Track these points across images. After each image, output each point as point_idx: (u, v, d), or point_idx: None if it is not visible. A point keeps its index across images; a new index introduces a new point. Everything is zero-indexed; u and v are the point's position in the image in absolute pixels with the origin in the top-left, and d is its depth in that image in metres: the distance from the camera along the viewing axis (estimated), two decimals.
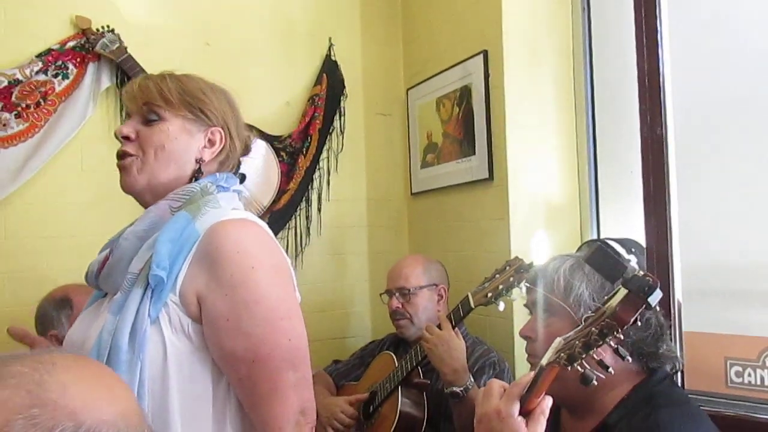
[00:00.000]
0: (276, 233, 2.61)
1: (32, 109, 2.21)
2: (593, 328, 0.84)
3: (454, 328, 1.87)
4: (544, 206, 2.31)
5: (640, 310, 0.82)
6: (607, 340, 0.83)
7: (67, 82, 2.27)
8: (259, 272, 1.12)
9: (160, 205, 1.18)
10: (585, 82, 2.36)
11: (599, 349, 0.84)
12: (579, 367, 0.85)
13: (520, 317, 2.02)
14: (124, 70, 2.32)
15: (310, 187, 2.69)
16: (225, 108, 1.27)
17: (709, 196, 1.95)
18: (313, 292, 2.71)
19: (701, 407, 1.43)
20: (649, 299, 0.80)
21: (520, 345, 2.21)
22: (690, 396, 1.70)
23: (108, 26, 2.33)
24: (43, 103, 2.20)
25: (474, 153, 2.43)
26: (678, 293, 1.81)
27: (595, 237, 2.30)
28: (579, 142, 2.37)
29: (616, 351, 0.84)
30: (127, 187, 1.22)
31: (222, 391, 1.12)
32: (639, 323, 0.84)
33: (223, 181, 1.23)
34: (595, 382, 0.85)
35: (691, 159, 1.91)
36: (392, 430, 1.95)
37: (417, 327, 2.11)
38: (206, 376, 1.11)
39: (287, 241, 2.66)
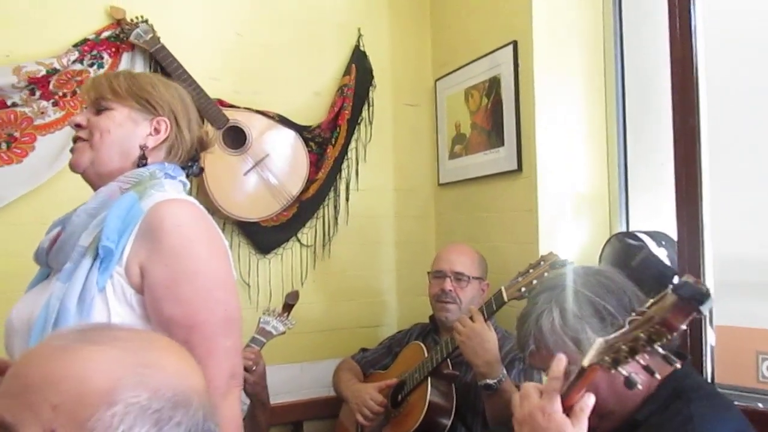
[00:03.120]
0: (304, 222, 2.64)
1: (68, 98, 2.25)
2: (641, 333, 0.83)
3: (486, 321, 1.87)
4: (573, 198, 2.30)
5: (690, 317, 0.81)
6: (656, 346, 0.82)
7: (102, 71, 2.30)
8: (197, 245, 1.21)
9: (111, 186, 1.28)
10: (616, 73, 2.34)
11: (644, 354, 0.84)
12: (623, 371, 0.85)
13: None
14: (157, 59, 2.35)
15: (338, 177, 2.71)
16: (174, 101, 1.39)
17: (742, 188, 1.92)
18: (341, 281, 2.73)
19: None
20: (701, 307, 0.79)
21: None
22: (721, 390, 1.71)
23: (142, 17, 2.35)
24: (79, 92, 2.24)
25: (503, 144, 2.42)
26: (710, 286, 1.79)
27: (624, 229, 2.29)
28: (609, 134, 2.35)
29: (664, 357, 0.83)
30: (74, 166, 1.34)
31: None
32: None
33: (171, 170, 1.35)
34: (640, 387, 0.85)
35: (724, 151, 1.89)
36: (421, 419, 1.97)
37: (459, 315, 2.11)
38: None
39: (315, 230, 2.69)
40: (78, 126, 1.34)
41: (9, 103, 2.18)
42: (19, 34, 2.23)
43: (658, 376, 0.86)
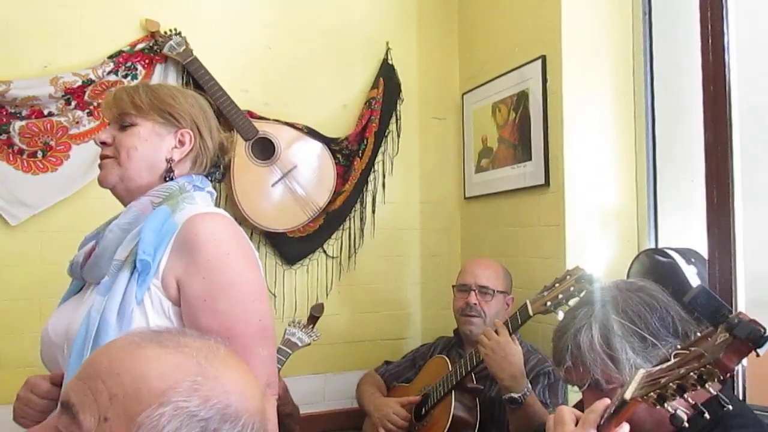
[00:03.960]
0: (330, 234, 2.66)
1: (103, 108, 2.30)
2: (692, 373, 0.80)
3: (511, 335, 1.86)
4: (601, 213, 2.29)
5: (744, 357, 0.77)
6: (707, 386, 0.79)
7: (135, 82, 2.35)
8: (232, 258, 1.23)
9: (142, 201, 1.29)
10: (645, 88, 2.32)
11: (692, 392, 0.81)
12: (669, 408, 0.82)
13: None
14: (190, 71, 2.39)
15: (364, 189, 2.72)
16: (195, 111, 1.39)
17: None
18: (366, 293, 2.74)
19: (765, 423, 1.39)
20: (759, 349, 0.76)
21: None
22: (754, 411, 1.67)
23: (175, 29, 2.40)
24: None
25: (530, 158, 2.42)
26: (741, 306, 1.77)
27: (652, 246, 2.27)
28: (638, 149, 2.34)
29: (716, 398, 0.81)
30: (103, 182, 1.35)
31: None
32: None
33: (199, 182, 1.37)
34: (686, 424, 0.82)
35: (756, 167, 1.87)
36: None
37: (483, 328, 2.10)
38: None
39: (341, 241, 2.70)
40: (104, 143, 1.34)
41: (46, 112, 2.24)
42: (57, 45, 2.29)
43: (707, 416, 0.83)
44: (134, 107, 1.33)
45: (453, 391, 2.01)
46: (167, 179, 1.33)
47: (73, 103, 2.26)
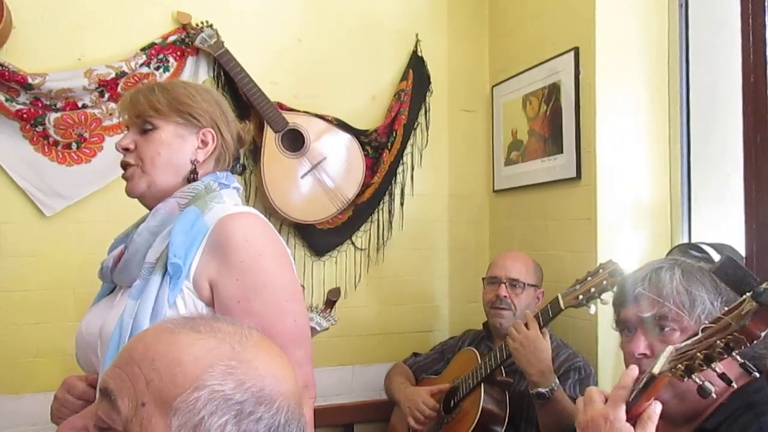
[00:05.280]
0: (359, 226, 2.66)
1: None
2: (718, 341, 0.80)
3: (541, 328, 1.85)
4: (634, 207, 2.26)
5: None
6: (734, 354, 0.79)
7: (167, 74, 2.37)
8: (266, 259, 1.23)
9: (169, 202, 1.28)
10: (680, 81, 2.28)
11: (720, 362, 0.81)
12: (697, 379, 0.83)
13: (606, 320, 1.99)
14: (221, 63, 2.40)
15: (393, 181, 2.72)
16: (213, 108, 1.37)
17: None
18: (394, 285, 2.74)
19: None
20: None
21: (603, 348, 2.18)
22: None
23: (207, 22, 2.41)
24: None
25: (561, 151, 2.39)
26: None
27: (686, 241, 2.23)
28: (672, 143, 2.30)
29: (743, 366, 0.80)
30: (130, 193, 1.34)
31: None
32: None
33: (224, 179, 1.35)
34: (714, 395, 0.82)
35: None
36: (474, 425, 1.95)
37: (513, 322, 2.09)
38: None
39: (370, 234, 2.70)
40: (126, 149, 1.32)
41: (80, 104, 2.26)
42: (91, 37, 2.32)
43: (735, 385, 0.83)
44: (153, 109, 1.31)
45: (482, 384, 2.01)
46: (191, 180, 1.32)
47: (107, 95, 2.29)
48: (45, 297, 2.25)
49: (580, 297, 1.76)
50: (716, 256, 2.00)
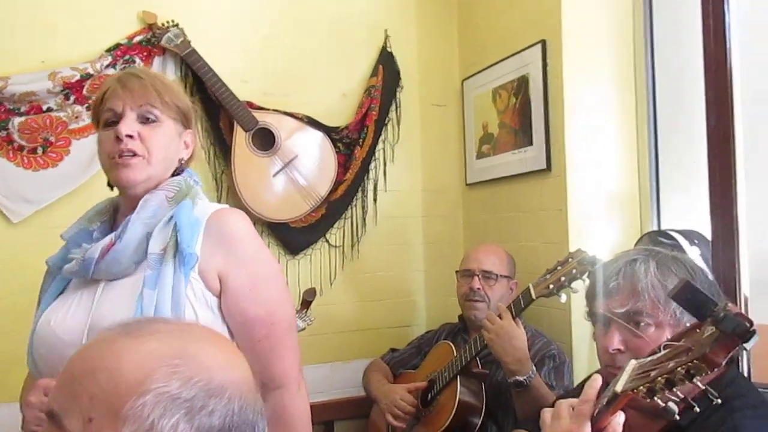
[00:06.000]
0: (333, 223, 2.66)
1: None
2: (679, 368, 0.79)
3: (514, 318, 1.87)
4: (604, 197, 2.29)
5: (732, 353, 0.76)
6: (695, 381, 0.78)
7: None
8: (265, 251, 1.34)
9: (158, 195, 1.29)
10: (646, 72, 2.31)
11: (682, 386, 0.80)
12: (659, 401, 0.82)
13: (579, 308, 2.01)
14: (188, 63, 2.38)
15: (366, 177, 2.72)
16: (190, 107, 1.39)
17: None
18: (370, 282, 2.74)
19: None
20: (746, 344, 0.74)
21: (577, 336, 2.21)
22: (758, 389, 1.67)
23: (173, 21, 2.39)
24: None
25: (531, 143, 2.41)
26: (745, 286, 1.77)
27: (655, 229, 2.27)
28: (639, 133, 2.33)
29: (704, 392, 0.80)
30: (128, 182, 1.27)
31: None
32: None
33: (195, 177, 1.38)
34: (677, 417, 0.82)
35: (758, 148, 1.87)
36: (451, 417, 1.97)
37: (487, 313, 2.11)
38: None
39: (344, 231, 2.70)
40: (128, 137, 1.26)
41: (45, 108, 2.23)
42: (54, 40, 2.28)
43: (697, 409, 0.83)
44: (162, 102, 1.29)
45: (459, 377, 2.02)
46: (173, 175, 1.35)
47: (72, 98, 2.25)
48: (15, 304, 2.21)
49: (551, 286, 1.79)
50: (684, 242, 2.05)
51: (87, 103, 2.26)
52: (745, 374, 1.75)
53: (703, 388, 0.80)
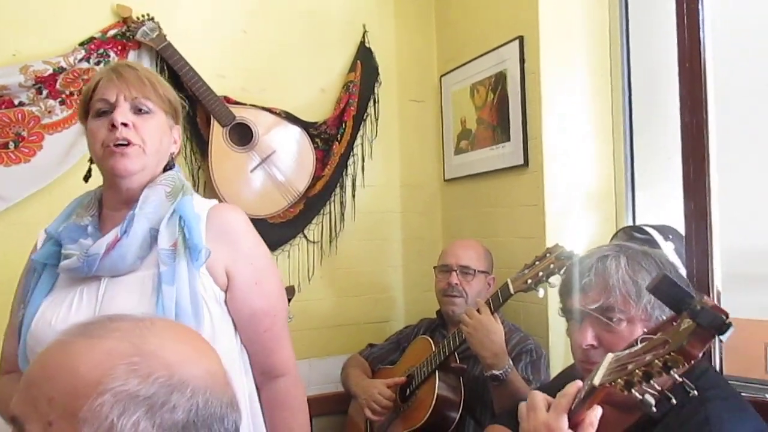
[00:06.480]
0: (311, 219, 2.65)
1: (75, 96, 2.24)
2: (656, 360, 0.79)
3: (492, 313, 1.88)
4: (580, 192, 2.31)
5: (708, 344, 0.77)
6: (672, 373, 0.79)
7: None
8: (263, 244, 1.38)
9: (158, 190, 1.27)
10: (622, 68, 2.34)
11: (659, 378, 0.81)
12: (637, 394, 0.82)
13: (555, 304, 2.03)
14: (164, 57, 2.35)
15: (344, 173, 2.71)
16: (179, 103, 1.39)
17: (749, 181, 1.93)
18: (348, 277, 2.74)
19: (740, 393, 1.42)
20: (722, 337, 0.75)
21: (554, 331, 2.22)
22: (729, 381, 1.70)
23: (148, 15, 2.36)
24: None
25: (509, 139, 2.43)
26: (717, 280, 1.80)
27: (630, 223, 2.30)
28: (615, 128, 2.36)
29: (679, 384, 0.80)
30: (125, 171, 1.25)
31: (238, 348, 1.34)
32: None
33: (181, 173, 1.37)
34: (655, 409, 0.82)
35: (731, 144, 1.89)
36: (429, 412, 1.98)
37: (466, 309, 2.11)
38: (231, 336, 1.32)
39: (322, 226, 2.69)
40: (124, 125, 1.24)
41: (16, 102, 2.19)
42: (26, 33, 2.24)
43: (674, 401, 0.83)
44: (156, 95, 1.29)
45: (437, 371, 2.03)
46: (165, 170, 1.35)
47: (45, 92, 2.21)
48: None
49: (529, 281, 1.80)
50: (659, 237, 2.07)
51: (60, 98, 2.23)
52: (717, 368, 1.77)
53: (680, 380, 0.80)
